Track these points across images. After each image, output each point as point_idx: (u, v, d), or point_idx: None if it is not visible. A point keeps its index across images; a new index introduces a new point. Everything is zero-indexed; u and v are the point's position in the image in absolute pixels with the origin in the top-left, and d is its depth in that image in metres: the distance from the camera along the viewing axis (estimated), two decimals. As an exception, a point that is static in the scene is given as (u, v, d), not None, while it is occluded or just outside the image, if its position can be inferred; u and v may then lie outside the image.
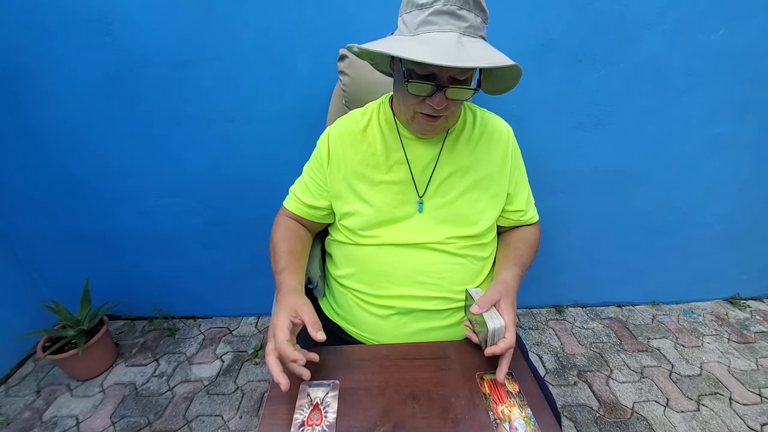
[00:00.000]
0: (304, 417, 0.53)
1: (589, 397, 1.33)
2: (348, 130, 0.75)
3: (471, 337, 0.65)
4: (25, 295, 1.51)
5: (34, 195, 1.39)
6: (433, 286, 0.71)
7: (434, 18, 0.55)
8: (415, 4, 0.57)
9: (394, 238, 0.71)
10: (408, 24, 0.58)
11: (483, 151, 0.74)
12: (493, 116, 0.80)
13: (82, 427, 1.22)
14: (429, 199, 0.72)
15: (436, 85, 0.59)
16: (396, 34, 0.62)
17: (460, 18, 0.55)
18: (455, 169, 0.73)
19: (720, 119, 1.36)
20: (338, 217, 0.77)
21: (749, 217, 1.58)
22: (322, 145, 0.77)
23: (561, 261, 1.63)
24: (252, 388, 1.36)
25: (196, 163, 1.34)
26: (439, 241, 0.71)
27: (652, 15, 1.16)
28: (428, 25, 0.56)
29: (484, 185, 0.73)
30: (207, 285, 1.62)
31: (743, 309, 1.75)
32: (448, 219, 0.72)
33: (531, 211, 0.83)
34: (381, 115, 0.76)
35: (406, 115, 0.67)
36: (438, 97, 0.59)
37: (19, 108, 1.24)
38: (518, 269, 0.73)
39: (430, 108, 0.61)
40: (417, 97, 0.61)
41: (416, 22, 0.56)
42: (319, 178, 0.77)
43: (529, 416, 0.54)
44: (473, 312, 0.60)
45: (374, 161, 0.73)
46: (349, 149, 0.74)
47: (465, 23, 0.55)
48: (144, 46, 1.15)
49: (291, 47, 1.16)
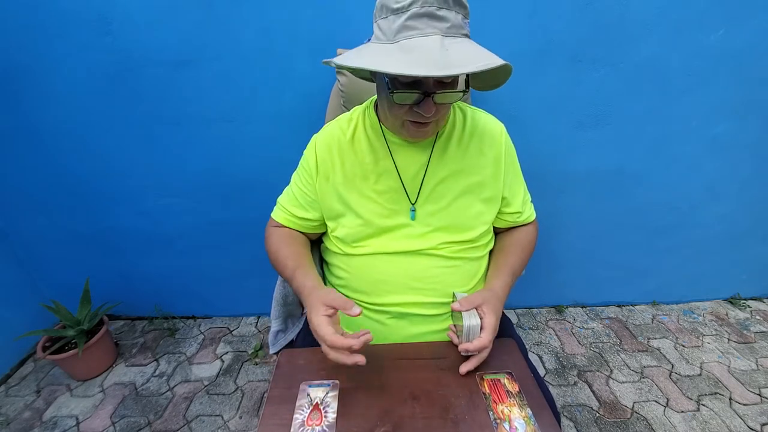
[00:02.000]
0: (304, 417, 0.53)
1: (589, 397, 1.33)
2: (334, 139, 0.73)
3: (452, 339, 0.65)
4: (25, 295, 1.51)
5: (34, 195, 1.39)
6: (429, 291, 0.71)
7: (413, 22, 0.52)
8: (391, 9, 0.53)
9: (387, 247, 0.70)
10: (385, 30, 0.54)
11: (475, 154, 0.72)
12: (485, 115, 0.77)
13: (82, 427, 1.22)
14: (421, 206, 0.71)
15: (423, 92, 0.56)
16: (372, 41, 0.58)
17: (440, 19, 0.52)
18: (447, 174, 0.70)
19: (720, 119, 1.36)
20: (330, 228, 0.76)
21: (749, 217, 1.58)
22: (310, 155, 0.74)
23: (561, 261, 1.63)
24: (252, 388, 1.36)
25: (196, 163, 1.34)
26: (433, 246, 0.70)
27: (652, 15, 1.16)
28: (407, 31, 0.52)
29: (478, 189, 0.71)
30: (207, 285, 1.62)
31: (743, 309, 1.75)
32: (442, 226, 0.70)
33: (527, 211, 0.81)
34: (367, 121, 0.73)
35: (394, 123, 0.65)
36: (426, 104, 0.57)
37: (19, 108, 1.24)
38: (509, 277, 0.72)
39: (418, 115, 0.59)
40: (403, 105, 0.59)
41: (394, 28, 0.53)
42: (308, 189, 0.75)
43: (529, 416, 0.54)
44: (453, 308, 0.62)
45: (362, 171, 0.70)
46: (336, 159, 0.71)
47: (446, 24, 0.52)
48: (144, 46, 1.15)
49: (291, 47, 1.16)
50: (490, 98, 0.75)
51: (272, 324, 0.88)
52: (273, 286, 0.87)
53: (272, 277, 0.87)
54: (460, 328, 0.62)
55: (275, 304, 0.86)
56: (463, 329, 0.59)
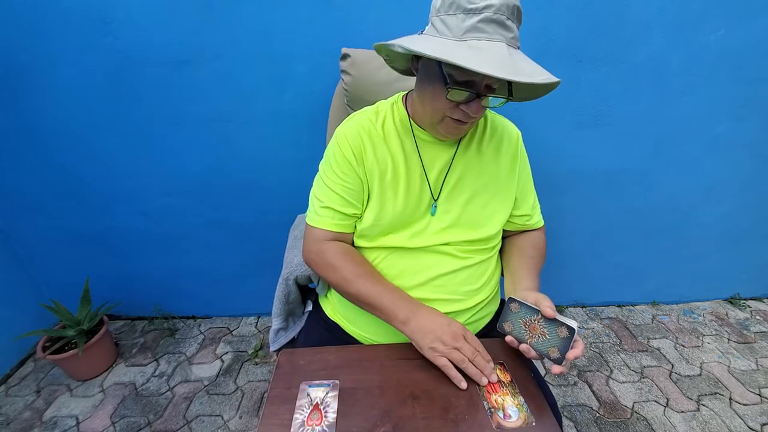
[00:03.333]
0: (304, 417, 0.53)
1: (589, 397, 1.33)
2: (364, 128, 0.71)
3: (527, 352, 0.60)
4: (25, 295, 1.51)
5: (34, 195, 1.39)
6: (438, 288, 0.71)
7: (484, 26, 0.54)
8: (463, 8, 0.54)
9: (403, 242, 0.71)
10: (452, 27, 0.56)
11: (493, 154, 0.74)
12: (503, 119, 0.80)
13: (82, 427, 1.22)
14: (442, 202, 0.72)
15: (476, 93, 0.58)
16: (434, 35, 0.58)
17: (507, 28, 0.55)
18: (467, 173, 0.72)
19: (720, 119, 1.36)
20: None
21: (749, 217, 1.58)
22: (343, 145, 0.70)
23: (561, 261, 1.63)
24: (252, 388, 1.36)
25: (196, 163, 1.34)
26: (446, 243, 0.71)
27: (652, 15, 1.16)
28: (477, 32, 0.54)
29: (494, 188, 0.73)
30: (207, 285, 1.62)
31: (743, 309, 1.75)
32: (458, 222, 0.72)
33: (536, 216, 0.83)
34: (396, 115, 0.73)
35: (432, 118, 0.65)
36: (475, 104, 0.59)
37: (19, 108, 1.24)
38: (537, 279, 0.73)
39: (463, 114, 0.61)
40: (450, 102, 0.60)
41: (463, 27, 0.54)
42: (351, 180, 0.70)
43: (521, 403, 0.56)
44: (549, 315, 0.58)
45: (392, 162, 0.70)
46: (368, 146, 0.70)
47: (511, 34, 0.55)
48: (144, 46, 1.14)
49: (291, 47, 1.15)
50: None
51: (273, 322, 0.88)
52: (273, 286, 0.87)
53: (272, 277, 0.88)
54: (537, 335, 0.60)
55: (277, 302, 0.86)
56: (560, 336, 0.56)
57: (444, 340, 0.60)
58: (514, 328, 0.62)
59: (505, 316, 0.64)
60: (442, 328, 0.61)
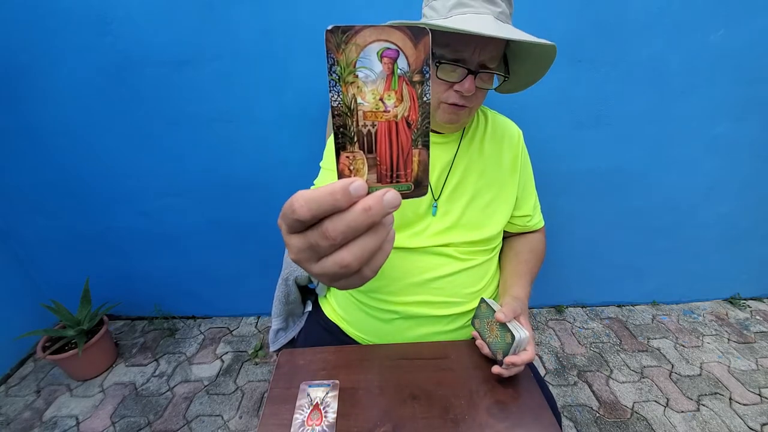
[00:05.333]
0: (304, 417, 0.53)
1: (589, 397, 1.33)
2: None
3: (482, 348, 0.63)
4: (25, 295, 1.51)
5: (33, 195, 1.39)
6: (438, 291, 0.71)
7: (469, 0, 0.54)
8: None
9: (402, 243, 0.71)
10: (438, 9, 0.57)
11: (495, 154, 0.74)
12: (504, 119, 0.80)
13: (82, 427, 1.22)
14: (442, 203, 0.72)
15: (468, 69, 0.57)
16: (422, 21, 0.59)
17: (493, 3, 0.55)
18: (468, 172, 0.72)
19: (720, 119, 1.36)
20: None
21: (749, 217, 1.58)
22: None
23: (561, 261, 1.63)
24: (252, 388, 1.36)
25: (196, 163, 1.34)
26: (446, 244, 0.71)
27: (652, 15, 1.16)
28: (462, 8, 0.55)
29: (495, 188, 0.73)
30: (207, 285, 1.62)
31: (743, 309, 1.75)
32: (459, 223, 0.71)
33: (537, 216, 0.83)
34: None
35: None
36: (468, 82, 0.57)
37: (19, 108, 1.24)
38: (529, 286, 0.73)
39: (457, 96, 0.59)
40: (444, 84, 0.60)
41: (448, 5, 0.56)
42: None
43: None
44: (499, 319, 0.59)
45: None
46: None
47: (498, 8, 0.55)
48: (144, 46, 1.14)
49: (291, 47, 1.15)
50: (490, 98, 0.75)
51: (273, 322, 0.88)
52: (273, 286, 0.87)
53: (272, 277, 0.87)
54: (488, 332, 0.62)
55: (276, 302, 0.86)
56: (510, 344, 0.57)
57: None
58: (480, 327, 0.66)
59: (476, 314, 0.67)
60: None
